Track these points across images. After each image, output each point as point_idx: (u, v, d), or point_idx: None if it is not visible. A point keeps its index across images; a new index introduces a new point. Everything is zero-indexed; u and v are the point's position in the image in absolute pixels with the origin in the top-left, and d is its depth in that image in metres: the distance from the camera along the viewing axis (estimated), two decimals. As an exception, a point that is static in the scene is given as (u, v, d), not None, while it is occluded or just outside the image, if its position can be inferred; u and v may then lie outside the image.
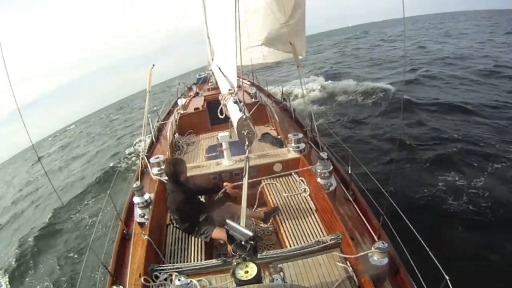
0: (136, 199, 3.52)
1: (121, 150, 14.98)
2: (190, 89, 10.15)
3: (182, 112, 6.78)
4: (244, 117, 2.82)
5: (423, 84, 13.31)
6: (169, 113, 7.75)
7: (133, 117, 26.16)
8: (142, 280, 2.62)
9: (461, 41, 26.53)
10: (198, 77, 11.01)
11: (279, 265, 2.53)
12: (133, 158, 11.46)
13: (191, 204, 3.30)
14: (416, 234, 2.26)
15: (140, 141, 4.83)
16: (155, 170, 4.31)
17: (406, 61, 18.37)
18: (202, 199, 4.02)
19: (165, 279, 2.72)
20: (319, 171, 3.53)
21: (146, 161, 4.63)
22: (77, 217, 9.36)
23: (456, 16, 70.58)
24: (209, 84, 9.28)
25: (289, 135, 4.40)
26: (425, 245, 2.17)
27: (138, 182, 3.64)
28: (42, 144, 33.49)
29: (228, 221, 2.23)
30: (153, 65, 5.45)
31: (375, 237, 2.78)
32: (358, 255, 2.45)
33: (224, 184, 3.69)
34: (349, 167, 3.38)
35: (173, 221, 3.52)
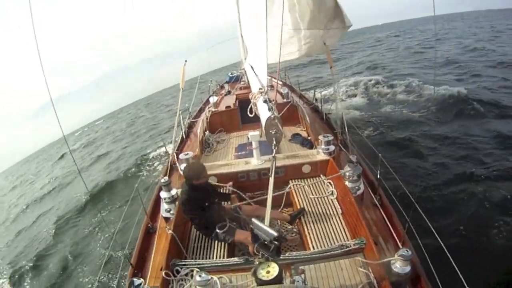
0: (163, 194, 3.56)
1: (149, 144, 15.41)
2: (222, 87, 10.23)
3: (213, 110, 6.84)
4: (272, 116, 2.80)
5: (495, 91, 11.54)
6: (200, 111, 7.82)
7: (156, 116, 26.90)
8: (163, 274, 2.66)
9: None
10: (231, 75, 11.06)
11: (300, 267, 2.52)
12: (162, 155, 11.66)
13: (206, 208, 3.29)
14: (442, 244, 2.22)
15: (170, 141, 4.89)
16: (183, 167, 4.37)
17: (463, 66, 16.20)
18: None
19: (186, 275, 2.76)
20: (347, 174, 3.46)
21: (175, 157, 4.69)
22: (103, 208, 9.68)
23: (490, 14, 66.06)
24: (241, 83, 9.32)
25: (319, 136, 4.35)
26: (450, 256, 2.12)
27: (166, 178, 3.66)
28: (69, 138, 34.98)
29: (254, 220, 2.22)
30: (186, 61, 5.50)
31: (399, 244, 2.71)
32: (381, 261, 2.40)
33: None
34: (378, 172, 3.30)
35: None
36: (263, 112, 3.05)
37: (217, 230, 3.20)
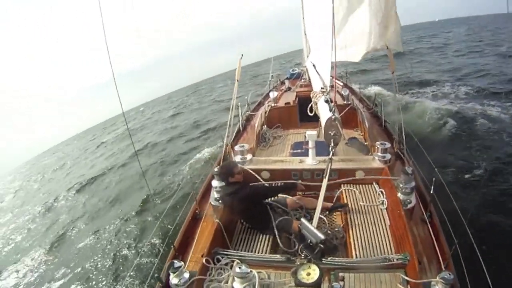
0: (215, 183, 3.60)
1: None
2: (282, 83, 10.24)
3: (272, 105, 6.88)
4: (333, 117, 2.76)
5: None
6: (259, 104, 7.87)
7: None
8: (204, 261, 2.72)
9: None
10: (292, 72, 11.05)
11: (341, 274, 2.48)
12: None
13: (256, 206, 3.40)
14: (486, 272, 2.12)
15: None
16: (238, 158, 4.44)
17: None
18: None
19: (226, 264, 2.79)
20: (401, 185, 3.33)
21: (231, 148, 4.79)
22: (156, 187, 10.02)
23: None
24: (302, 80, 9.28)
25: (377, 143, 4.22)
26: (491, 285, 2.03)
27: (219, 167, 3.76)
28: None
29: (303, 219, 2.22)
30: (242, 55, 5.57)
31: (442, 265, 2.59)
32: (421, 281, 2.31)
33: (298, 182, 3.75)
34: (432, 187, 3.13)
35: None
36: (324, 112, 3.02)
37: (275, 222, 3.28)
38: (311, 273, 1.96)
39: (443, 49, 28.20)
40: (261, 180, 4.20)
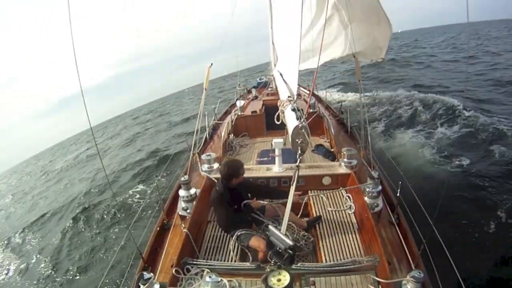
0: (182, 192, 3.57)
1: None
2: (249, 91, 10.30)
3: (239, 113, 6.89)
4: (300, 125, 2.79)
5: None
6: (226, 113, 7.86)
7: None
8: (173, 271, 2.68)
9: None
10: (259, 81, 11.14)
11: (311, 279, 2.52)
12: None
13: (234, 207, 3.33)
14: (456, 270, 2.19)
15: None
16: (204, 167, 4.40)
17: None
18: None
19: (196, 274, 2.77)
20: (367, 190, 3.41)
21: (198, 157, 4.73)
22: (122, 199, 9.82)
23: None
24: (269, 89, 9.36)
25: (343, 149, 4.32)
26: (463, 284, 2.10)
27: (186, 176, 3.68)
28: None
29: (270, 226, 2.21)
30: (211, 64, 5.56)
31: (412, 265, 2.66)
32: (392, 281, 2.37)
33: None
34: (398, 190, 3.22)
35: (214, 219, 3.58)
36: (291, 121, 3.05)
37: (237, 233, 3.24)
38: (281, 279, 1.96)
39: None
40: None
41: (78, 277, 6.70)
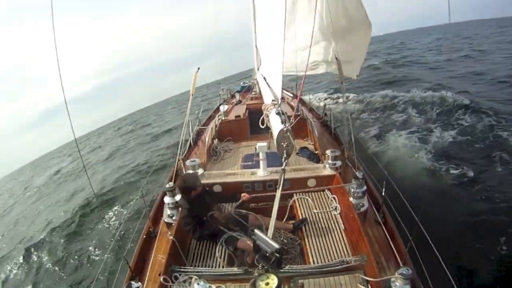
0: (167, 199, 3.54)
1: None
2: (233, 96, 10.30)
3: (223, 118, 6.87)
4: (285, 129, 2.80)
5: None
6: (210, 118, 7.85)
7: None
8: (161, 279, 2.66)
9: None
10: (243, 85, 11.14)
11: (300, 281, 2.53)
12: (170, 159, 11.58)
13: (207, 219, 3.39)
14: (443, 264, 2.22)
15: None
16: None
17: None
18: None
19: (184, 281, 2.73)
20: (352, 190, 3.43)
21: (182, 163, 4.69)
22: (106, 210, 9.71)
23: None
24: (253, 93, 9.37)
25: (327, 151, 4.34)
26: (450, 277, 2.13)
27: (171, 183, 3.66)
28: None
29: (256, 230, 2.21)
30: (198, 68, 5.53)
31: (400, 262, 2.69)
32: (381, 279, 2.39)
33: (242, 195, 3.76)
34: (383, 189, 3.28)
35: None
36: (275, 124, 3.05)
37: (223, 236, 3.28)
38: (269, 283, 1.95)
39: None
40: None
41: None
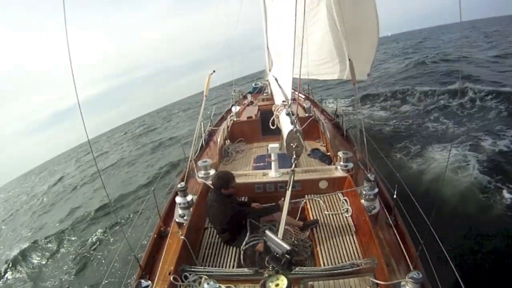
0: (179, 199, 3.56)
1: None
2: (245, 97, 10.31)
3: (235, 119, 6.90)
4: (294, 130, 2.80)
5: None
6: (222, 119, 7.87)
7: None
8: (171, 279, 2.67)
9: None
10: (254, 86, 11.15)
11: (310, 283, 2.53)
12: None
13: (234, 216, 3.35)
14: (455, 270, 2.17)
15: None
16: (201, 174, 4.39)
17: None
18: None
19: (194, 281, 2.74)
20: (364, 192, 3.42)
21: (194, 164, 4.73)
22: (119, 208, 9.91)
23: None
24: (264, 94, 9.36)
25: (339, 153, 4.31)
26: (462, 284, 2.07)
27: (183, 183, 3.67)
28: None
29: (267, 231, 2.21)
30: (214, 71, 5.56)
31: (410, 266, 2.65)
32: (391, 282, 2.37)
33: (254, 204, 3.79)
34: (395, 192, 3.25)
35: (211, 226, 3.60)
36: (285, 125, 3.06)
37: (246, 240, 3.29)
38: (279, 284, 1.96)
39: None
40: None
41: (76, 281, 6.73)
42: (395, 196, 3.28)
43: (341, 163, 4.23)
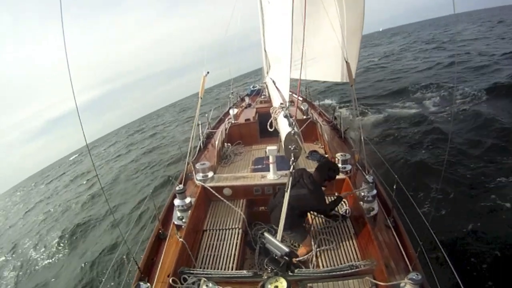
0: (177, 202, 3.58)
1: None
2: (242, 100, 10.31)
3: (233, 121, 6.90)
4: (292, 132, 2.80)
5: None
6: (220, 122, 7.86)
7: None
8: (170, 281, 2.68)
9: None
10: (252, 88, 11.16)
11: (309, 285, 2.53)
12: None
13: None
14: (454, 271, 2.17)
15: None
16: (199, 176, 4.39)
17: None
18: None
19: (193, 283, 2.75)
20: (362, 194, 3.44)
21: (192, 166, 4.73)
22: (118, 211, 9.88)
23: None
24: (262, 96, 9.38)
25: (337, 155, 4.32)
26: (461, 284, 2.09)
27: (181, 186, 3.69)
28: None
29: (266, 234, 2.21)
30: (208, 72, 5.55)
31: (410, 267, 2.66)
32: (390, 283, 2.38)
33: None
34: (393, 193, 3.25)
35: (210, 228, 3.57)
36: (283, 127, 3.05)
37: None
38: (279, 286, 1.96)
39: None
40: (221, 197, 4.17)
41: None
42: (393, 198, 3.29)
43: (340, 165, 4.23)
